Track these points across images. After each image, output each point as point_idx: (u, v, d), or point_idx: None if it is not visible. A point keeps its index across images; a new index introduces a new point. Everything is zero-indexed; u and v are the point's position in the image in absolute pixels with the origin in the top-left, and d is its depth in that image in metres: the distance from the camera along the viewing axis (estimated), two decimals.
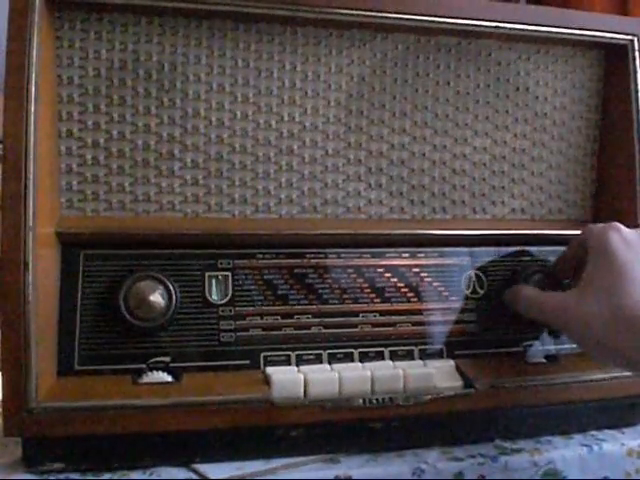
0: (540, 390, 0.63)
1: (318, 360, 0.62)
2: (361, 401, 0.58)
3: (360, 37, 0.66)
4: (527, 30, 0.68)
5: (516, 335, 0.67)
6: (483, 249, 0.68)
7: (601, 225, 0.62)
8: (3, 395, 0.54)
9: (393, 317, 0.65)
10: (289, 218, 0.65)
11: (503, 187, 0.72)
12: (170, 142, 0.62)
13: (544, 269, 0.68)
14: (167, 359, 0.59)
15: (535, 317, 0.64)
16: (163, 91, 0.62)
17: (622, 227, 0.60)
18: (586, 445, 0.62)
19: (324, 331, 0.63)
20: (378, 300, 0.65)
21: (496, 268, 0.68)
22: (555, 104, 0.73)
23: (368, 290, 0.65)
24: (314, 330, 0.63)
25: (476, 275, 0.68)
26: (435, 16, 0.65)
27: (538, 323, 0.65)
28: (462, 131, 0.70)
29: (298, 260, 0.64)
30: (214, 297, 0.61)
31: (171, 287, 0.60)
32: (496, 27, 0.67)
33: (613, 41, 0.71)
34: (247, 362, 0.61)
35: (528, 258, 0.69)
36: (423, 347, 0.65)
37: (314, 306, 0.63)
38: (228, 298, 0.61)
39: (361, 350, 0.63)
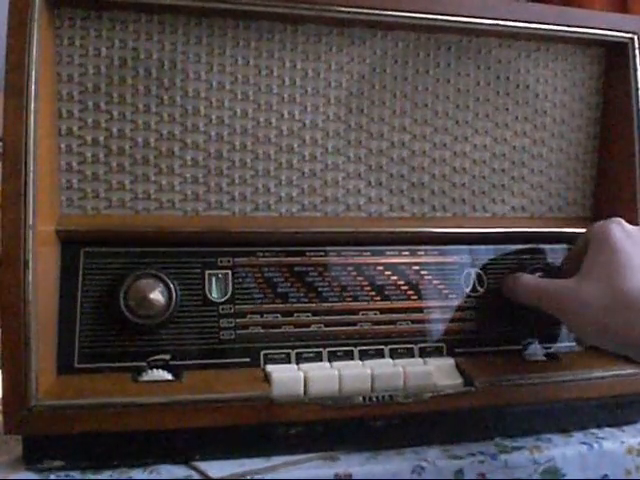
0: (540, 388, 0.63)
1: (318, 358, 0.62)
2: (361, 399, 0.58)
3: (360, 35, 0.66)
4: (527, 28, 0.68)
5: (516, 333, 0.67)
6: (483, 247, 0.68)
7: (603, 221, 0.62)
8: (3, 393, 0.54)
9: (393, 315, 0.65)
10: (289, 216, 0.65)
11: (503, 185, 0.72)
12: (170, 140, 0.62)
13: (544, 267, 0.68)
14: (167, 357, 0.59)
15: (533, 303, 0.63)
16: (163, 89, 0.62)
17: (623, 221, 0.62)
18: (586, 443, 0.62)
19: (324, 329, 0.63)
20: (378, 298, 0.65)
21: (496, 266, 0.68)
22: (555, 102, 0.73)
23: (368, 288, 0.65)
24: (314, 328, 0.63)
25: (476, 273, 0.68)
26: (435, 14, 0.65)
27: (536, 310, 0.64)
28: (462, 129, 0.70)
29: (298, 258, 0.64)
30: (214, 295, 0.61)
31: (171, 285, 0.60)
32: (496, 25, 0.67)
33: (613, 39, 0.71)
34: (247, 360, 0.61)
35: (528, 256, 0.69)
36: (423, 345, 0.65)
37: (314, 304, 0.63)
38: (228, 296, 0.62)
39: (361, 348, 0.63)
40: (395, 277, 0.65)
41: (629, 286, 0.56)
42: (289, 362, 0.61)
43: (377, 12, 0.63)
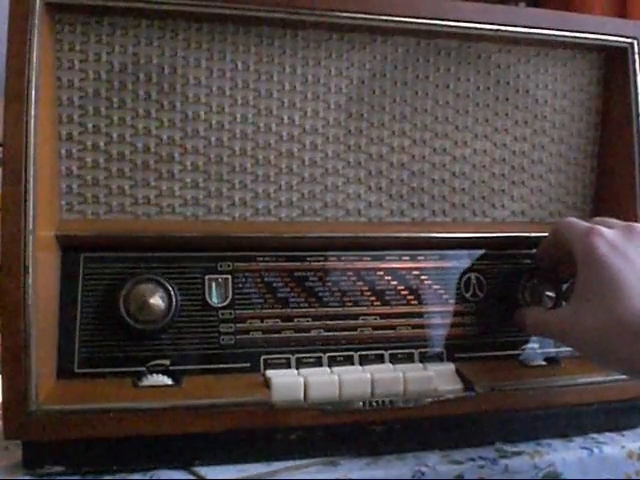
0: (540, 393, 0.63)
1: (318, 363, 0.62)
2: (361, 404, 0.58)
3: (360, 40, 0.66)
4: (527, 33, 0.68)
5: (516, 338, 0.67)
6: (483, 252, 0.68)
7: (583, 228, 0.60)
8: (3, 398, 0.54)
9: (393, 320, 0.65)
10: (289, 221, 0.65)
11: (503, 190, 0.72)
12: (170, 145, 0.62)
13: (539, 270, 0.68)
14: (167, 362, 0.59)
15: (541, 336, 0.66)
16: (163, 94, 0.62)
17: (604, 230, 0.59)
18: (586, 448, 0.62)
19: (324, 334, 0.63)
20: (378, 303, 0.65)
21: (496, 271, 0.68)
22: (555, 107, 0.73)
23: (368, 293, 0.65)
24: (314, 333, 0.63)
25: (476, 278, 0.68)
26: (435, 19, 0.65)
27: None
28: (462, 134, 0.70)
29: (298, 263, 0.64)
30: (214, 300, 0.61)
31: (171, 290, 0.60)
32: (496, 30, 0.67)
33: (613, 44, 0.71)
34: (247, 365, 0.61)
35: (528, 261, 0.69)
36: (423, 350, 0.65)
37: (314, 309, 0.63)
38: (228, 301, 0.61)
39: (361, 353, 0.63)
40: (395, 282, 0.65)
41: (625, 309, 0.55)
42: (289, 367, 0.61)
43: (377, 17, 0.63)
